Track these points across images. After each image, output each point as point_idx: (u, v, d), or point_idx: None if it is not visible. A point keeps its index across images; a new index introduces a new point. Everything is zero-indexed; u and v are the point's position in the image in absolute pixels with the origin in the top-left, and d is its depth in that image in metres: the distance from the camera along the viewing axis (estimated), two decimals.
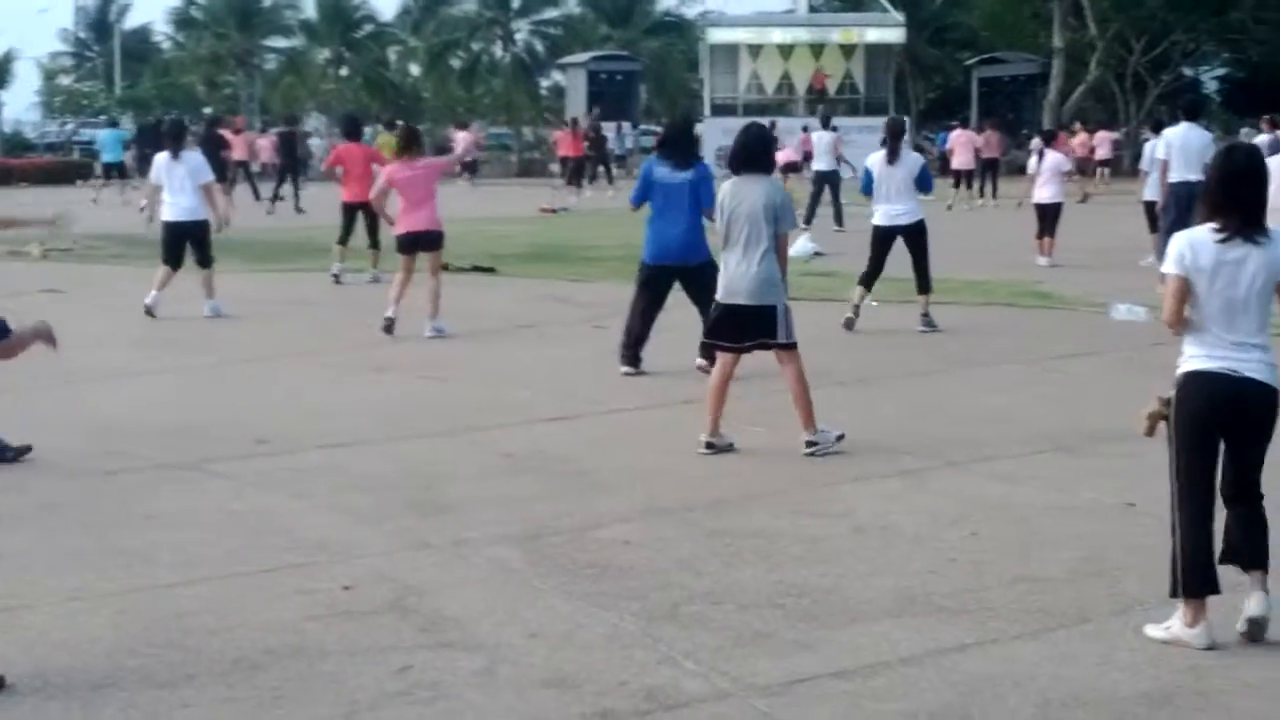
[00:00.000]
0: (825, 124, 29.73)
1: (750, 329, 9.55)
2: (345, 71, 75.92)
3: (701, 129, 49.76)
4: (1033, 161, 22.33)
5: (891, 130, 15.34)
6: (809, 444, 9.48)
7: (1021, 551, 7.43)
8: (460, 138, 44.84)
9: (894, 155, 14.66)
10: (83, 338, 13.71)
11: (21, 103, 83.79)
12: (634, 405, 11.23)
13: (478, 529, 7.90)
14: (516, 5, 71.90)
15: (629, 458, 9.62)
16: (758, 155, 9.80)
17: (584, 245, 24.76)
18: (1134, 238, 21.34)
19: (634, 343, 12.37)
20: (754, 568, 7.19)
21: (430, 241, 14.98)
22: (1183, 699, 5.58)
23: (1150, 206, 19.52)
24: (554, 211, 34.55)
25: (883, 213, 14.73)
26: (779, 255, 9.60)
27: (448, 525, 8.01)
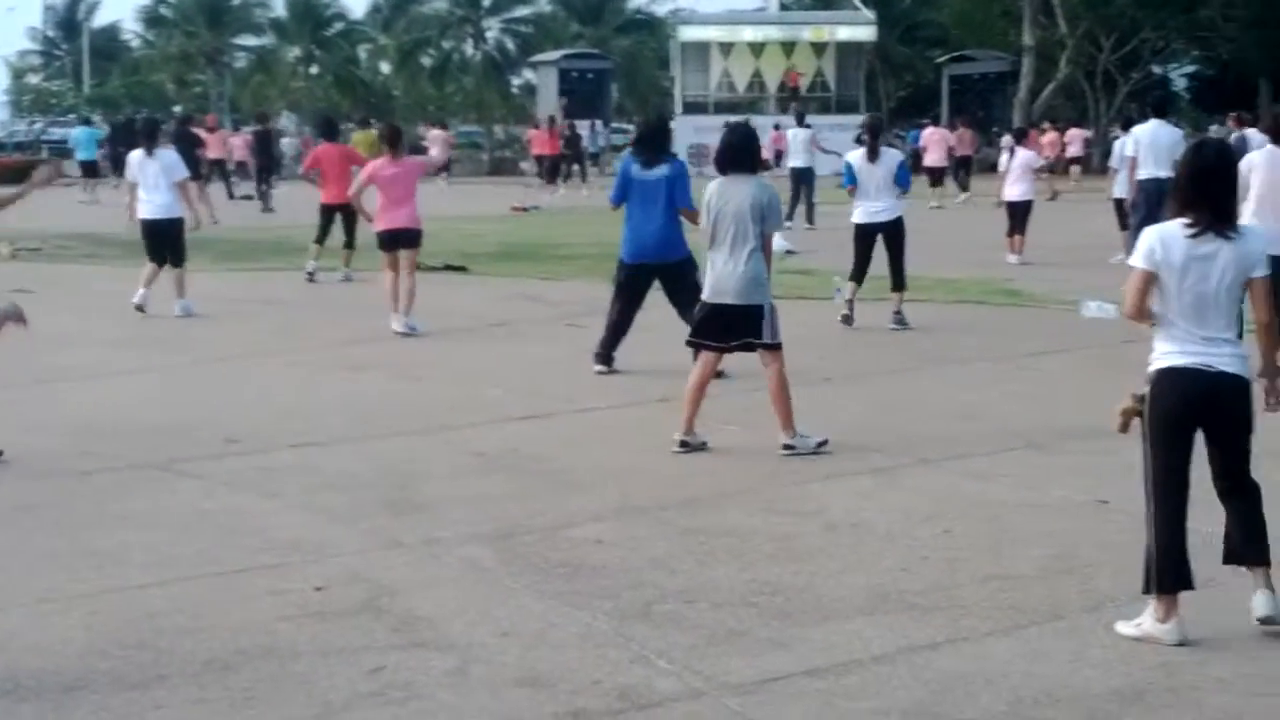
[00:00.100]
0: (800, 121, 29.76)
1: (737, 328, 9.54)
2: (315, 70, 75.83)
3: (673, 126, 49.83)
4: (1004, 159, 22.41)
5: (871, 129, 15.45)
6: (786, 446, 9.48)
7: (993, 549, 7.45)
8: (435, 136, 44.77)
9: (874, 154, 14.74)
10: (53, 338, 13.67)
11: None
12: (607, 404, 11.23)
13: (450, 528, 7.89)
14: (487, 3, 71.87)
15: (602, 456, 9.61)
16: (744, 155, 9.79)
17: (556, 244, 24.76)
18: (1104, 235, 21.42)
19: (612, 342, 12.36)
20: (727, 566, 7.20)
21: (409, 239, 15.00)
22: (1154, 695, 5.59)
23: (1120, 204, 19.62)
24: (525, 210, 34.52)
25: (863, 210, 14.79)
26: (765, 254, 9.61)
27: (420, 524, 7.99)
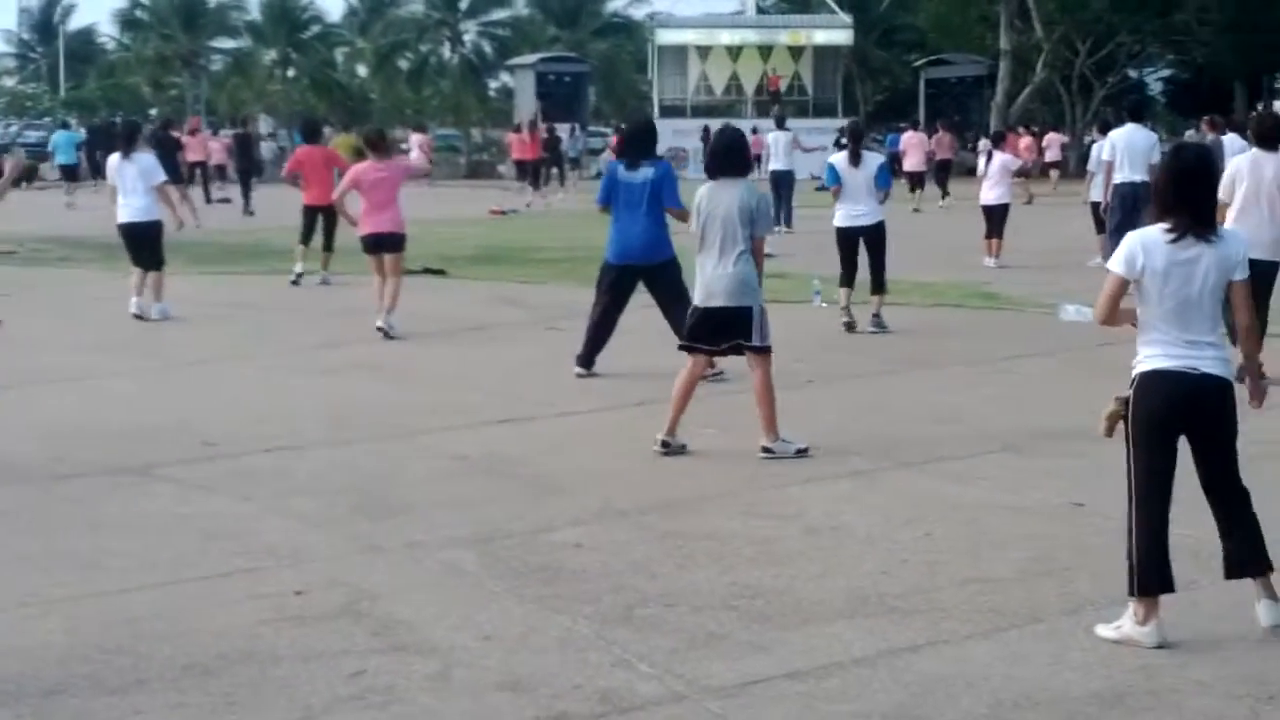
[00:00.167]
0: (780, 125, 29.77)
1: (726, 331, 9.53)
2: (292, 73, 75.73)
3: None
4: (981, 163, 22.44)
5: (853, 133, 15.50)
6: (765, 449, 9.48)
7: (973, 552, 7.46)
8: (415, 140, 44.72)
9: (856, 158, 14.76)
10: (29, 341, 13.63)
11: None
12: (586, 407, 11.22)
13: (430, 532, 7.87)
14: (464, 6, 71.86)
15: (582, 460, 9.60)
16: (733, 158, 9.79)
17: (534, 247, 24.75)
18: (1081, 239, 21.48)
19: (594, 344, 12.34)
20: (707, 570, 7.20)
21: (393, 243, 15.01)
22: (1134, 698, 5.60)
23: (1096, 207, 19.65)
24: (504, 213, 34.50)
25: (844, 214, 14.81)
26: (755, 257, 9.61)
27: (400, 528, 7.98)
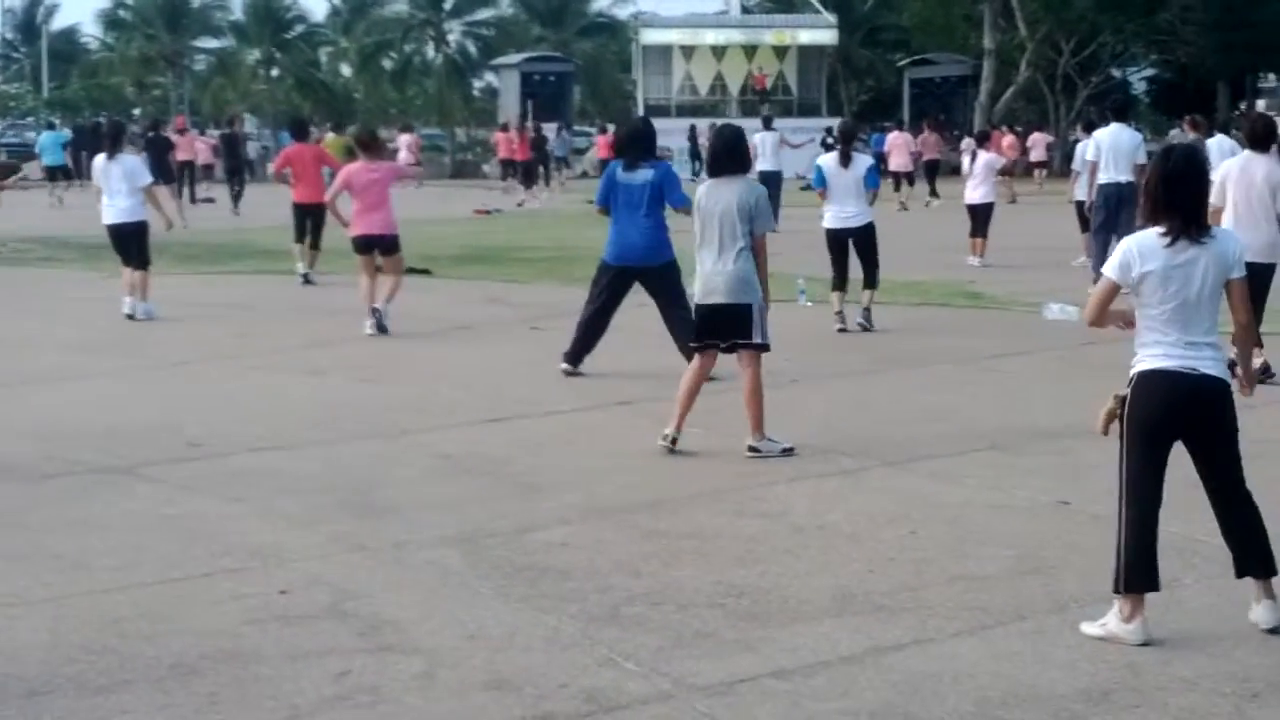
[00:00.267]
0: (767, 125, 29.76)
1: (727, 328, 9.53)
2: (276, 72, 75.55)
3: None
4: (966, 162, 22.46)
5: (844, 134, 15.48)
6: (751, 448, 9.48)
7: (959, 550, 7.47)
8: (403, 141, 44.74)
9: (846, 159, 14.74)
10: (13, 341, 13.62)
11: None
12: (571, 407, 11.21)
13: (415, 532, 7.86)
14: (449, 6, 71.69)
15: (566, 459, 9.59)
16: (732, 156, 9.78)
17: (519, 247, 24.77)
18: (1066, 238, 21.50)
19: (583, 343, 12.32)
20: (693, 568, 7.20)
21: (386, 246, 15.05)
22: (1120, 695, 5.61)
23: (1080, 206, 19.67)
24: (488, 213, 34.50)
25: (833, 215, 14.80)
26: (758, 257, 9.61)
27: (385, 528, 7.97)
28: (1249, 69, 59.82)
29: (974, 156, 22.07)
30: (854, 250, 14.77)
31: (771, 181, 28.25)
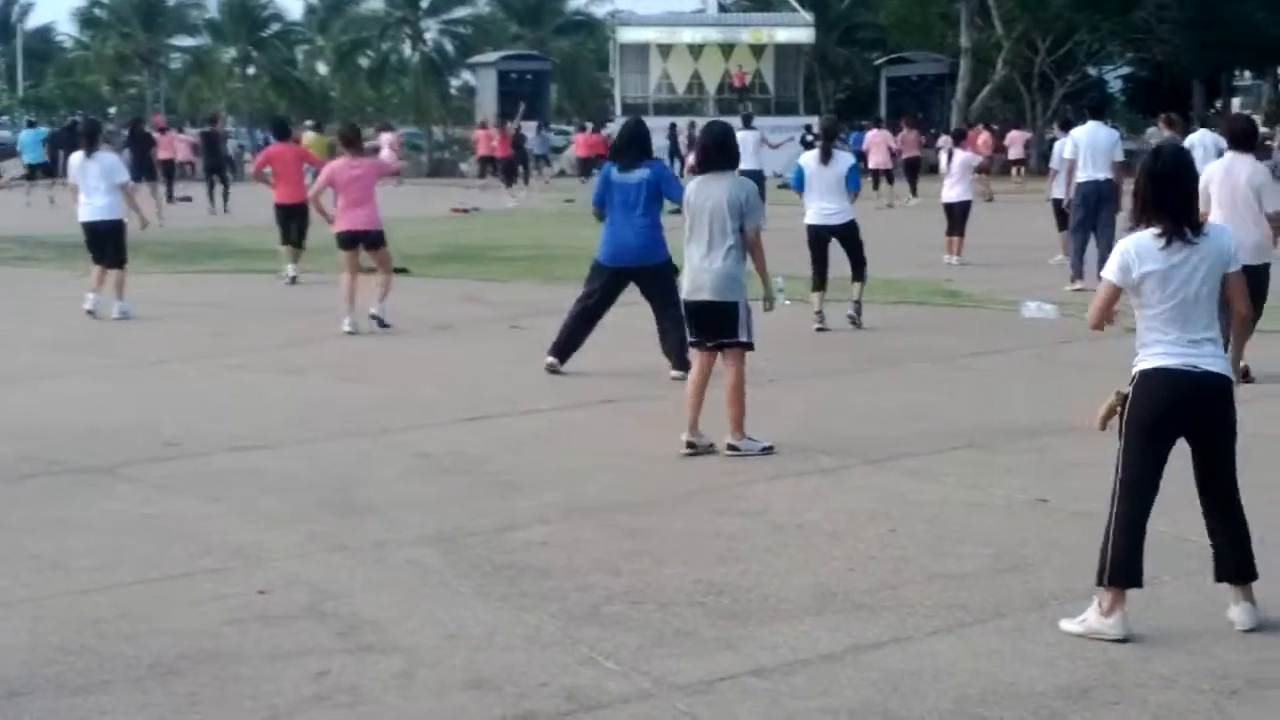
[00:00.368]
0: (747, 123, 29.74)
1: (714, 327, 9.52)
2: (252, 71, 75.35)
3: (612, 128, 49.94)
4: (943, 160, 22.49)
5: (826, 131, 15.56)
6: (730, 447, 9.48)
7: (938, 548, 7.48)
8: (384, 140, 44.68)
9: (827, 155, 14.78)
10: None
11: None
12: (551, 405, 11.20)
13: (395, 531, 7.85)
14: (425, 4, 71.57)
15: (546, 458, 9.59)
16: (722, 152, 9.78)
17: (497, 245, 24.74)
18: (1043, 236, 21.55)
19: (572, 339, 12.28)
20: (673, 567, 7.20)
21: (371, 241, 15.08)
22: (1099, 692, 5.63)
23: (1058, 205, 19.72)
24: (466, 211, 34.46)
25: (815, 211, 14.82)
26: (754, 252, 9.61)
27: (364, 527, 7.95)
28: (1224, 67, 59.98)
29: (951, 155, 22.11)
30: (839, 247, 14.80)
31: (754, 180, 28.28)
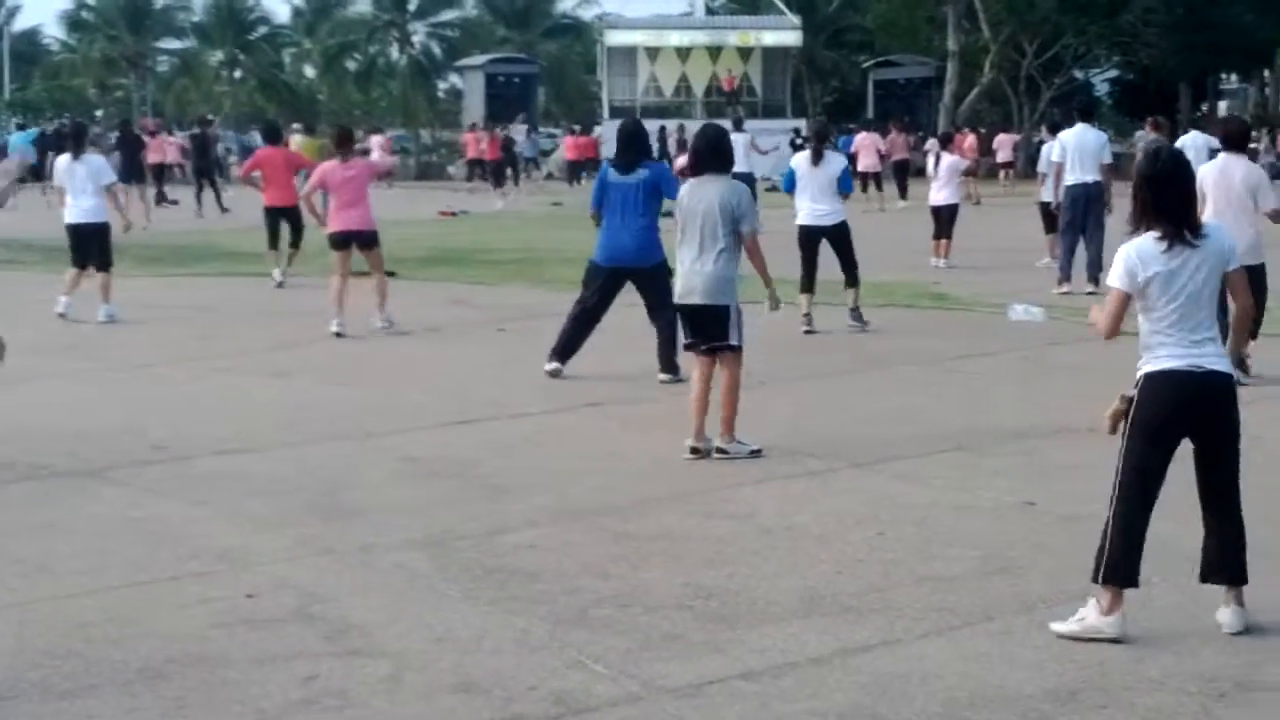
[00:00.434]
0: (737, 126, 29.75)
1: (705, 330, 9.52)
2: (239, 74, 75.33)
3: (600, 131, 49.99)
4: (930, 164, 22.52)
5: (818, 133, 15.68)
6: (720, 450, 9.48)
7: (926, 551, 7.48)
8: (374, 142, 44.66)
9: (818, 157, 14.84)
10: None
11: None
12: (540, 409, 11.19)
13: (382, 534, 7.84)
14: (413, 7, 71.62)
15: (534, 462, 9.57)
16: (716, 155, 9.77)
17: (484, 249, 24.72)
18: (1030, 239, 21.58)
19: (570, 342, 12.25)
20: (662, 570, 7.20)
21: (365, 241, 15.08)
22: (1087, 695, 5.63)
23: (1045, 208, 19.74)
24: (454, 214, 34.43)
25: (807, 212, 14.87)
26: (752, 256, 9.62)
27: (351, 531, 7.94)
28: (1210, 70, 60.17)
29: (938, 159, 22.14)
30: (830, 249, 14.83)
31: (744, 183, 28.27)
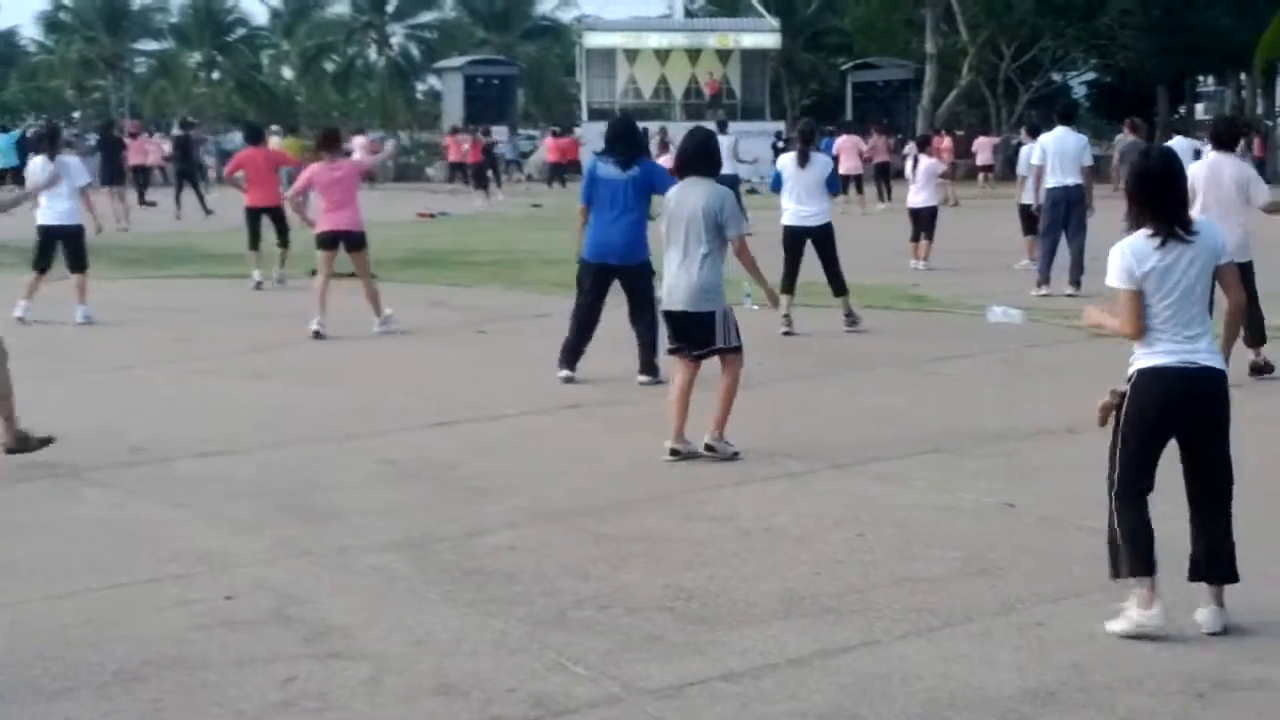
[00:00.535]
0: (722, 129, 29.76)
1: (691, 335, 9.51)
2: (217, 75, 75.20)
3: (580, 132, 49.98)
4: (908, 167, 22.57)
5: (804, 134, 15.74)
6: (708, 446, 9.48)
7: (905, 552, 7.49)
8: (357, 143, 44.61)
9: (805, 158, 14.89)
10: None
11: None
12: (518, 410, 11.18)
13: (361, 536, 7.82)
14: (391, 9, 71.57)
15: (513, 463, 9.56)
16: (702, 159, 9.73)
17: (463, 250, 24.71)
18: (1009, 241, 21.63)
19: (575, 346, 12.20)
20: (641, 572, 7.19)
21: (352, 242, 15.03)
22: (1066, 695, 5.64)
23: (1025, 210, 19.78)
24: (432, 216, 34.39)
25: (792, 213, 14.91)
26: (742, 260, 9.64)
27: (330, 533, 7.92)
28: (1187, 72, 60.32)
29: (916, 162, 22.19)
30: (813, 252, 14.84)
31: (730, 185, 28.28)
